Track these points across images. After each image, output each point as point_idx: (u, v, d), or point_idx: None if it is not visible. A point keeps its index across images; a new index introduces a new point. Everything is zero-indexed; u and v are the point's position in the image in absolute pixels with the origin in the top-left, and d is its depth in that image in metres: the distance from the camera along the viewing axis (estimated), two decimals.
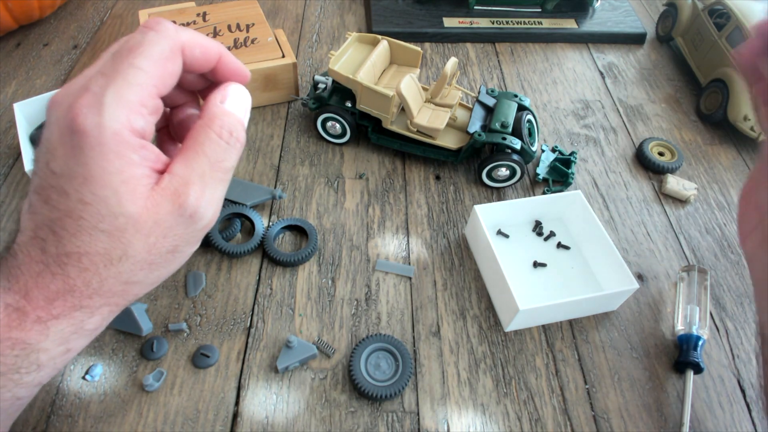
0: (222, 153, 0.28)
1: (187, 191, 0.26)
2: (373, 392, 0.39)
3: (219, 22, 0.62)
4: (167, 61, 0.27)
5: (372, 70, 0.53)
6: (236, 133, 0.28)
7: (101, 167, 0.25)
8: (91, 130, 0.24)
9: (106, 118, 0.24)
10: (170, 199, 0.26)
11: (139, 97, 0.25)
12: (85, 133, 0.24)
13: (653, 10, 0.82)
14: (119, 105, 0.25)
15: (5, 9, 0.63)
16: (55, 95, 0.26)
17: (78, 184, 0.25)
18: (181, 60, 0.27)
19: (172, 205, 0.26)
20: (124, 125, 0.25)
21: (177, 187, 0.26)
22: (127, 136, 0.25)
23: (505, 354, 0.43)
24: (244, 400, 0.40)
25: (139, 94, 0.25)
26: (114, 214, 0.25)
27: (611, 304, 0.45)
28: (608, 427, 0.40)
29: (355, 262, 0.48)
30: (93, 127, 0.24)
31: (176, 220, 0.27)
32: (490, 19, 0.74)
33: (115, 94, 0.25)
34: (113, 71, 0.25)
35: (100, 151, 0.25)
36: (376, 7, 0.74)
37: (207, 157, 0.27)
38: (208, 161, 0.27)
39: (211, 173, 0.27)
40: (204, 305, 0.44)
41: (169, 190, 0.26)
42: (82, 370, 0.40)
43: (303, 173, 0.55)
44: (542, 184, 0.55)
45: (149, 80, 0.26)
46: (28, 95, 0.60)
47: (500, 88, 0.67)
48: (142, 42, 0.26)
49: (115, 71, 0.25)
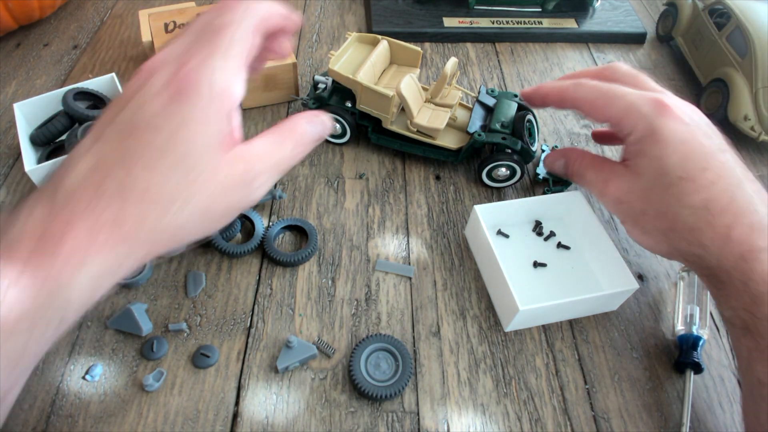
0: (289, 159, 0.33)
1: (258, 164, 0.31)
2: (373, 392, 0.39)
3: None
4: (253, 36, 0.30)
5: (372, 70, 0.53)
6: (306, 147, 0.34)
7: (204, 116, 0.28)
8: (203, 84, 0.28)
9: (216, 77, 0.28)
10: (243, 164, 0.30)
11: (237, 65, 0.29)
12: (196, 84, 0.28)
13: (653, 10, 0.82)
14: (225, 70, 0.29)
15: (5, 9, 0.63)
16: (152, 60, 0.30)
17: (175, 124, 0.28)
18: (262, 33, 0.31)
19: (243, 168, 0.30)
20: (229, 87, 0.29)
21: (251, 156, 0.30)
22: (229, 97, 0.29)
23: (505, 354, 0.43)
24: (244, 400, 0.40)
25: (237, 63, 0.29)
26: (197, 159, 0.28)
27: (611, 304, 0.45)
28: (608, 427, 0.40)
29: (355, 262, 0.48)
30: (205, 82, 0.28)
31: (240, 186, 0.30)
32: (490, 19, 0.74)
33: (221, 61, 0.29)
34: (212, 44, 0.29)
35: (207, 102, 0.28)
36: (376, 7, 0.74)
37: (279, 153, 0.32)
38: (279, 157, 0.32)
39: (277, 167, 0.32)
40: (204, 305, 0.44)
41: (244, 156, 0.30)
42: (82, 370, 0.40)
43: (303, 173, 0.55)
44: (542, 184, 0.55)
45: (242, 52, 0.30)
46: (28, 95, 0.60)
47: (500, 88, 0.67)
48: (233, 21, 0.30)
49: (215, 44, 0.29)
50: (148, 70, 0.29)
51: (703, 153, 0.37)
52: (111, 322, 0.42)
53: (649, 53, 0.74)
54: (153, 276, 0.46)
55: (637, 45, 0.75)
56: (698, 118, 0.39)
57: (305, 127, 0.34)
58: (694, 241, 0.37)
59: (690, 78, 0.70)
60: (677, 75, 0.71)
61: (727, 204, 0.36)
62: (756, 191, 0.37)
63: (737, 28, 0.61)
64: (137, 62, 0.66)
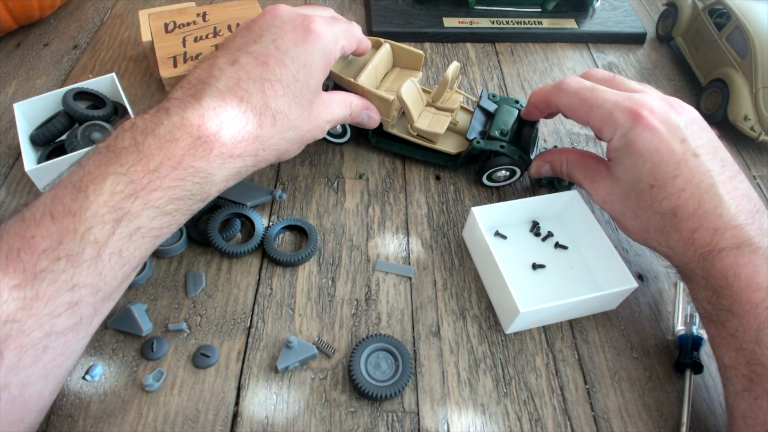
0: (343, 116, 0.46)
1: (330, 118, 0.44)
2: (373, 392, 0.39)
3: (219, 22, 0.62)
4: (359, 41, 0.48)
5: (374, 74, 0.53)
6: (357, 117, 0.49)
7: (318, 63, 0.39)
8: (325, 36, 0.40)
9: (331, 32, 0.41)
10: (326, 112, 0.43)
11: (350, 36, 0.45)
12: (320, 35, 0.39)
13: (653, 10, 0.82)
14: (342, 33, 0.43)
15: (5, 9, 0.63)
16: (278, 7, 0.40)
17: (298, 65, 0.37)
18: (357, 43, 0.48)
19: (325, 115, 0.43)
20: (338, 47, 0.42)
21: (331, 110, 0.44)
22: (334, 53, 0.42)
23: (505, 354, 0.43)
24: (244, 400, 0.40)
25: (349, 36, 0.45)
26: (309, 98, 0.39)
27: (611, 303, 0.45)
28: (608, 427, 0.40)
29: (355, 262, 0.48)
30: (327, 35, 0.40)
31: (318, 126, 0.42)
32: (490, 19, 0.74)
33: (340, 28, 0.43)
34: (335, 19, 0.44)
35: (323, 53, 0.39)
36: (376, 7, 0.74)
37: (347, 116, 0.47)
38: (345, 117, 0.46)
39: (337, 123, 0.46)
40: (204, 305, 0.44)
41: (331, 106, 0.44)
42: (82, 370, 0.40)
43: (303, 173, 0.55)
44: (547, 186, 0.55)
45: (354, 37, 0.46)
46: (28, 95, 0.60)
47: (500, 88, 0.67)
48: (351, 23, 0.47)
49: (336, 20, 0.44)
50: (276, 13, 0.39)
51: (675, 161, 0.39)
52: (111, 322, 0.42)
53: (649, 53, 0.74)
54: (153, 276, 0.46)
55: (637, 45, 0.75)
56: (675, 120, 0.40)
57: (362, 110, 0.48)
58: (663, 243, 0.41)
59: (690, 78, 0.70)
60: (677, 75, 0.71)
61: (694, 210, 0.38)
62: (729, 191, 0.38)
63: (737, 28, 0.61)
64: (137, 62, 0.66)
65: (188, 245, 0.48)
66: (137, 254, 0.33)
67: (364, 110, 0.48)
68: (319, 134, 0.42)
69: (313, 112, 0.40)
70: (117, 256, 0.32)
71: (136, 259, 0.33)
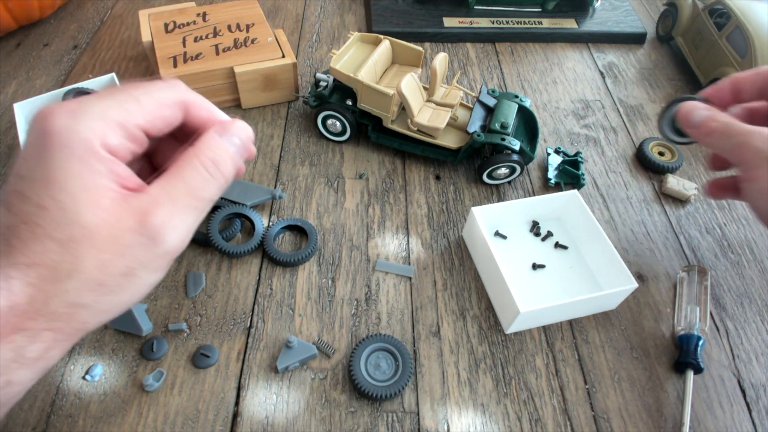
0: (201, 182, 0.27)
1: (154, 211, 0.25)
2: (373, 392, 0.39)
3: (219, 22, 0.62)
4: (165, 106, 0.27)
5: (373, 69, 0.53)
6: (222, 166, 0.27)
7: (63, 170, 0.24)
8: (61, 131, 0.24)
9: (80, 124, 0.24)
10: (134, 216, 0.25)
11: (121, 118, 0.25)
12: (54, 133, 0.24)
13: (653, 10, 0.82)
14: (98, 117, 0.24)
15: (5, 9, 0.63)
16: (41, 110, 0.25)
17: (39, 187, 0.24)
18: (180, 112, 0.28)
19: (134, 222, 0.25)
20: (96, 135, 0.24)
21: (145, 205, 0.25)
22: (96, 146, 0.24)
23: (505, 354, 0.43)
24: (244, 400, 0.40)
25: (123, 116, 0.25)
26: (70, 222, 0.24)
27: (611, 303, 0.45)
28: (608, 427, 0.40)
29: (355, 262, 0.48)
30: (63, 129, 0.24)
31: (136, 240, 0.25)
32: (490, 19, 0.74)
33: (99, 109, 0.25)
34: (110, 95, 0.26)
35: (66, 153, 0.24)
36: (376, 7, 0.74)
37: (185, 182, 0.26)
38: (185, 186, 0.26)
39: (185, 199, 0.26)
40: (204, 305, 0.44)
41: (136, 206, 0.25)
42: (82, 370, 0.40)
43: (303, 173, 0.55)
44: (555, 188, 0.55)
45: (139, 112, 0.26)
46: (28, 95, 0.60)
47: (500, 87, 0.67)
48: (151, 86, 0.27)
49: (111, 95, 0.26)
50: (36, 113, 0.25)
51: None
52: (111, 322, 0.42)
53: (649, 53, 0.74)
54: None
55: (637, 45, 0.75)
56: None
57: (216, 141, 0.28)
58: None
59: (690, 78, 0.70)
60: (677, 75, 0.71)
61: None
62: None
63: (737, 28, 0.61)
64: (137, 62, 0.66)
65: (188, 245, 0.48)
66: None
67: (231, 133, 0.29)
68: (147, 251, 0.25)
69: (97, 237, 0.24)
70: None
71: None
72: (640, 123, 0.63)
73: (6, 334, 0.23)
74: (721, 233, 0.53)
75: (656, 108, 0.66)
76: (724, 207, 0.55)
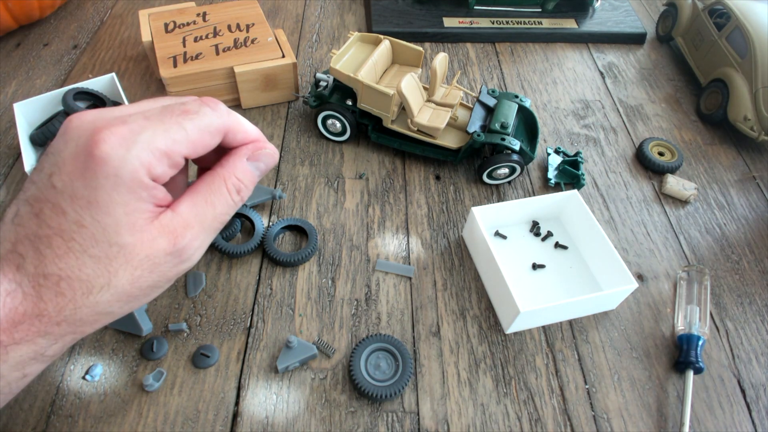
0: (227, 207, 0.29)
1: (185, 233, 0.27)
2: (373, 392, 0.39)
3: (219, 22, 0.62)
4: (209, 135, 0.28)
5: (373, 69, 0.53)
6: (244, 192, 0.30)
7: (110, 197, 0.25)
8: (112, 159, 0.25)
9: (132, 153, 0.25)
10: (167, 236, 0.27)
11: (167, 148, 0.26)
12: (104, 161, 0.24)
13: (653, 10, 0.82)
14: (148, 147, 0.25)
15: (5, 9, 0.63)
16: (81, 114, 0.26)
17: (80, 205, 0.25)
18: (220, 138, 0.29)
19: (167, 243, 0.27)
20: (144, 165, 0.25)
21: (177, 226, 0.27)
22: (144, 176, 0.25)
23: (505, 354, 0.43)
24: (244, 400, 0.40)
25: (169, 146, 0.26)
26: (109, 242, 0.25)
27: (611, 303, 0.45)
28: (608, 427, 0.40)
29: (355, 262, 0.48)
30: (114, 158, 0.25)
31: (166, 258, 0.27)
32: (490, 19, 0.74)
33: (150, 138, 0.25)
34: (158, 120, 0.26)
35: (115, 182, 0.25)
36: (376, 7, 0.74)
37: (213, 208, 0.28)
38: (213, 212, 0.28)
39: (212, 223, 0.28)
40: (204, 305, 0.44)
41: (169, 228, 0.27)
42: (82, 370, 0.40)
43: (303, 173, 0.55)
44: (555, 188, 0.55)
45: (185, 141, 0.27)
46: (28, 95, 0.60)
47: (500, 88, 0.67)
48: (198, 112, 0.27)
49: (160, 120, 0.26)
50: (64, 131, 0.26)
51: None
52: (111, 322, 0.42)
53: (649, 53, 0.74)
54: None
55: (637, 45, 0.75)
56: None
57: (244, 166, 0.30)
58: None
59: (690, 78, 0.70)
60: (677, 75, 0.71)
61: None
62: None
63: (737, 28, 0.61)
64: (137, 62, 0.66)
65: None
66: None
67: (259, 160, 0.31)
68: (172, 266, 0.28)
69: (134, 255, 0.26)
70: None
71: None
72: (639, 123, 0.63)
73: (31, 338, 0.25)
74: (720, 233, 0.53)
75: (656, 108, 0.66)
76: (724, 207, 0.55)
